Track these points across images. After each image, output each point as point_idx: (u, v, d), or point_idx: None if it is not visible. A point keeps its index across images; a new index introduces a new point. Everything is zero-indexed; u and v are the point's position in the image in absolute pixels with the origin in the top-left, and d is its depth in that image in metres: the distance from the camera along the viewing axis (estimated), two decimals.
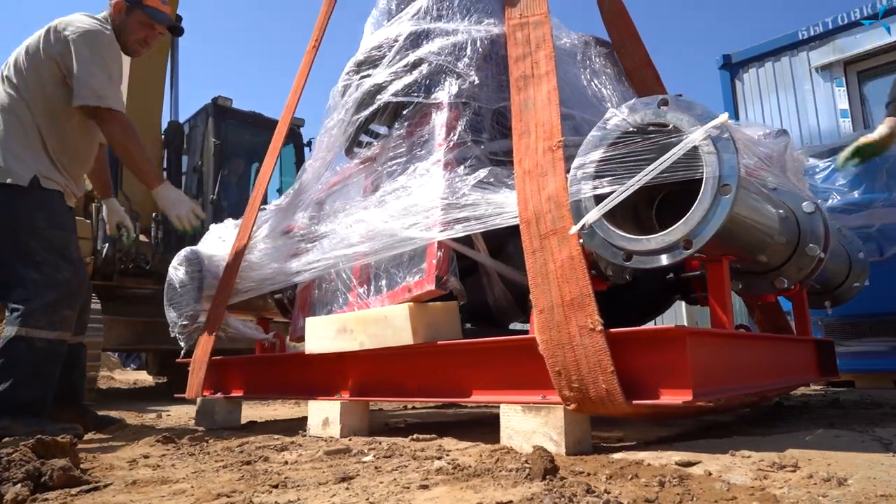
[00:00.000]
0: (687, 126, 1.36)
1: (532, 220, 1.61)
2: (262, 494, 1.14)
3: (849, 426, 1.73)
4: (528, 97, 1.77)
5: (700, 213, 1.32)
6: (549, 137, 1.67)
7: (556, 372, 1.44)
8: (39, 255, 2.18)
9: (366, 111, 2.14)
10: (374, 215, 2.00)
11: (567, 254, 1.51)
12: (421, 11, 2.22)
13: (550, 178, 1.61)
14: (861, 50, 4.89)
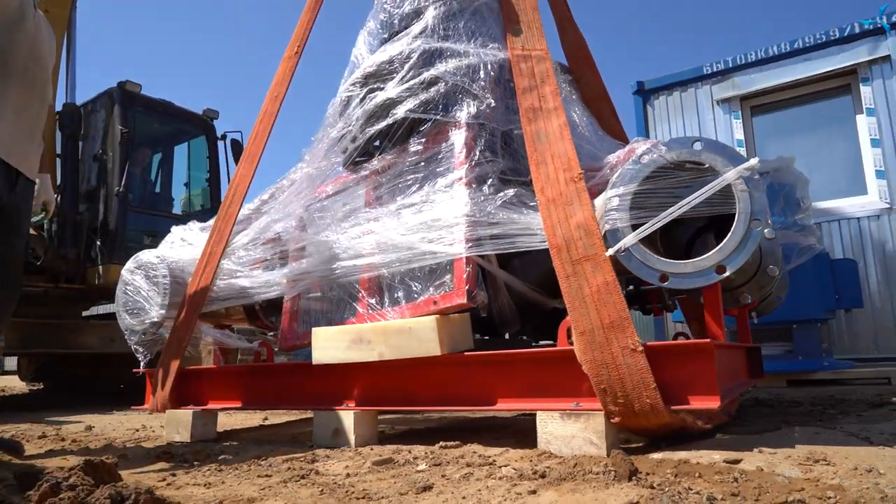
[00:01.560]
0: (721, 166, 1.56)
1: (563, 246, 1.71)
2: None
3: (807, 423, 2.03)
4: (540, 129, 1.89)
5: (733, 243, 1.52)
6: (568, 169, 1.79)
7: (602, 389, 1.56)
8: None
9: (379, 125, 2.17)
10: (389, 227, 2.04)
11: (602, 279, 1.63)
12: (428, 30, 2.29)
13: (577, 208, 1.72)
14: (755, 88, 5.57)
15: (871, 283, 4.77)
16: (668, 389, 1.58)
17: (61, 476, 1.23)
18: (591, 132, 2.56)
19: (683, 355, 1.59)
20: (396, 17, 2.40)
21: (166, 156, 7.72)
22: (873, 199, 4.92)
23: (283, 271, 2.34)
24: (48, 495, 1.18)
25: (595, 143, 2.44)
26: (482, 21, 2.35)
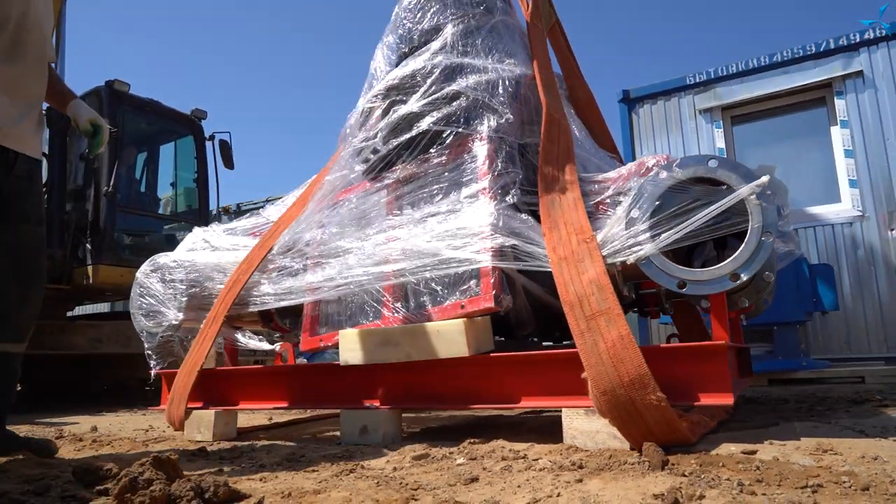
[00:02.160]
0: (735, 182, 1.70)
1: (576, 302, 1.75)
2: (429, 496, 1.27)
3: (801, 419, 2.19)
4: (556, 198, 1.96)
5: (747, 253, 1.66)
6: (580, 232, 1.86)
7: (629, 434, 1.64)
8: None
9: (402, 136, 2.26)
10: (414, 234, 2.14)
11: (616, 333, 1.64)
12: (447, 46, 2.40)
13: (588, 265, 1.77)
14: (736, 99, 5.80)
15: (844, 286, 5.02)
16: (685, 386, 1.71)
17: (135, 471, 1.31)
18: (590, 146, 2.70)
19: (699, 355, 1.72)
20: (416, 33, 2.51)
21: (151, 155, 7.67)
22: (846, 207, 5.18)
23: (305, 278, 2.42)
24: (127, 489, 1.26)
25: (594, 155, 2.59)
26: (498, 38, 2.47)
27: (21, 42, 1.93)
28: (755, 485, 1.23)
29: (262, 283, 2.54)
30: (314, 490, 1.36)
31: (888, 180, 4.97)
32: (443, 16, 2.47)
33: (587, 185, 2.18)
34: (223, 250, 2.78)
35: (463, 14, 2.46)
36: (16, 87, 1.96)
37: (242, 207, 10.72)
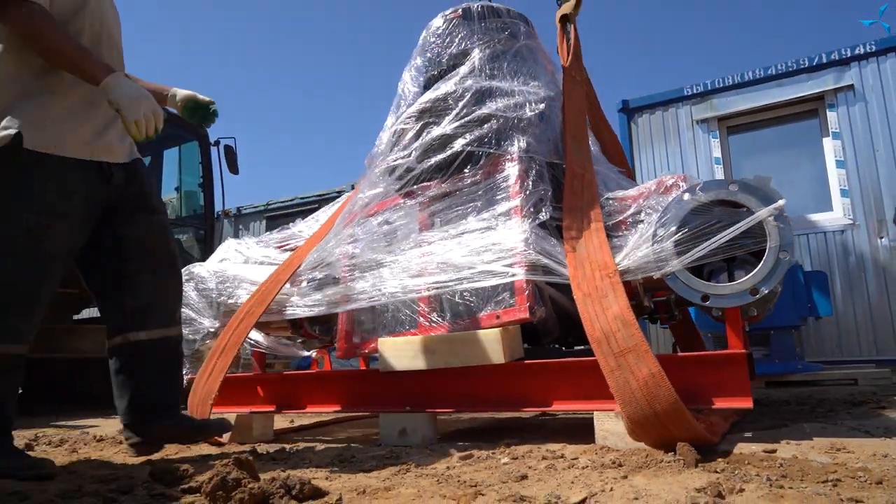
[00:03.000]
0: (754, 205, 1.86)
1: (602, 339, 1.80)
2: (493, 491, 1.41)
3: (808, 421, 2.36)
4: (581, 243, 2.04)
5: (765, 270, 1.83)
6: (604, 268, 1.94)
7: (661, 446, 1.74)
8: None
9: (436, 157, 2.41)
10: (449, 249, 2.29)
11: (647, 371, 1.70)
12: (475, 69, 2.55)
13: (612, 300, 1.84)
14: (732, 110, 6.00)
15: (836, 291, 5.23)
16: (708, 391, 1.87)
17: (223, 471, 1.44)
18: (604, 162, 2.86)
19: (720, 362, 1.88)
20: (444, 57, 2.65)
21: (155, 160, 7.75)
22: (838, 216, 5.39)
23: (338, 289, 2.55)
24: (219, 487, 1.39)
25: (612, 171, 2.75)
26: (522, 61, 2.62)
27: (99, 55, 1.97)
28: (781, 479, 1.38)
29: (294, 293, 2.66)
30: (384, 487, 1.50)
31: (878, 190, 5.19)
32: (470, 41, 2.62)
33: (610, 204, 2.34)
34: (255, 262, 2.90)
35: (489, 39, 2.61)
36: (97, 100, 1.96)
37: (243, 211, 10.80)
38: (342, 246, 2.66)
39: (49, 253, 1.89)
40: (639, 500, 1.26)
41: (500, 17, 2.68)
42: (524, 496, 1.34)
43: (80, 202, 1.96)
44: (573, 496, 1.32)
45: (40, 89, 1.90)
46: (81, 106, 1.96)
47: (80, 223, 1.99)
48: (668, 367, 1.88)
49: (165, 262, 2.18)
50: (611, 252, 1.96)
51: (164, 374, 2.16)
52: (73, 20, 1.95)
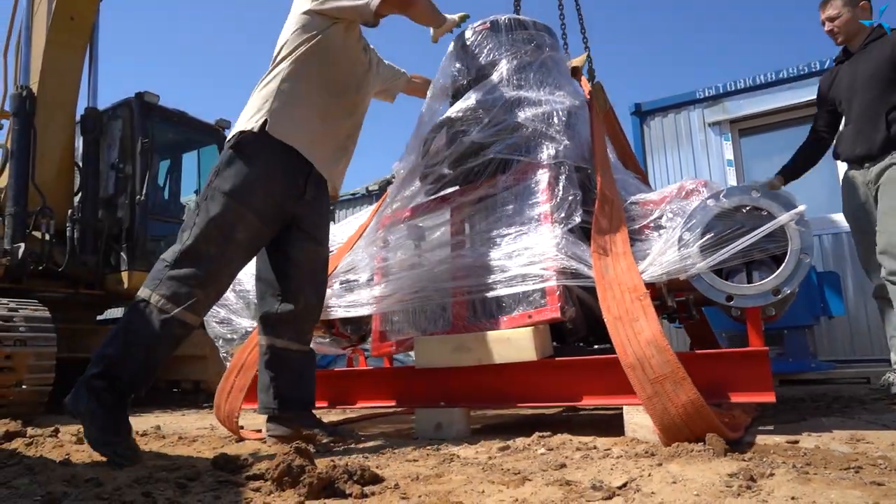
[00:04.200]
0: (776, 210, 1.97)
1: (637, 365, 1.82)
2: (538, 477, 1.53)
3: (826, 415, 2.47)
4: (608, 264, 2.09)
5: (787, 271, 1.93)
6: (633, 290, 1.97)
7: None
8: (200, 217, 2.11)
9: (468, 164, 2.53)
10: (482, 253, 2.40)
11: (685, 398, 1.73)
12: (503, 80, 2.67)
13: (644, 324, 1.85)
14: (743, 113, 6.09)
15: (848, 291, 5.31)
16: (731, 386, 1.98)
17: (287, 458, 1.56)
18: (622, 168, 2.97)
19: (743, 359, 1.99)
20: (473, 68, 2.77)
21: (175, 163, 7.91)
22: None
23: (371, 291, 2.66)
24: (285, 473, 1.51)
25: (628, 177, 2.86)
26: (547, 72, 2.74)
27: (360, 103, 2.44)
28: (807, 467, 1.49)
29: (329, 295, 2.78)
30: (435, 475, 1.62)
31: None
32: (497, 52, 2.74)
33: (633, 209, 2.45)
34: None
35: (516, 51, 2.73)
36: (351, 138, 2.46)
37: None
38: (375, 248, 2.78)
39: (246, 241, 2.18)
40: (676, 483, 1.37)
41: (526, 29, 2.79)
42: (569, 480, 1.45)
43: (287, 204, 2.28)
44: (615, 481, 1.43)
45: (305, 103, 2.27)
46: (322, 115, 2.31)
47: (272, 223, 2.27)
48: (694, 364, 2.00)
49: (319, 287, 2.45)
50: (640, 275, 2.05)
51: (300, 379, 2.41)
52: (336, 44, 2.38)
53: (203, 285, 2.07)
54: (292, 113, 2.21)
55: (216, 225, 2.09)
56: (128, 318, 2.06)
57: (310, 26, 2.31)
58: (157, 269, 2.10)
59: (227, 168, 2.15)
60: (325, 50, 2.31)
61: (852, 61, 3.18)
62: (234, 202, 2.12)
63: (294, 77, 2.25)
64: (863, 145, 3.06)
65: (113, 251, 6.41)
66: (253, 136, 2.16)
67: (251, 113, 2.22)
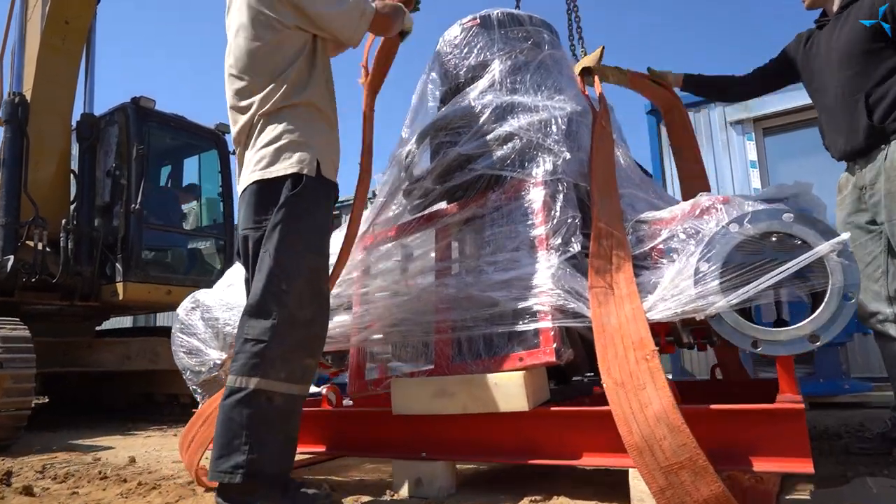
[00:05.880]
0: (813, 239, 1.63)
1: (644, 448, 1.51)
2: None
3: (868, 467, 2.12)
4: (610, 311, 1.77)
5: (827, 314, 1.60)
6: (640, 347, 1.65)
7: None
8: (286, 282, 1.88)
9: (454, 179, 2.22)
10: (469, 282, 2.10)
11: (708, 491, 1.44)
12: (496, 83, 2.36)
13: (652, 393, 1.55)
14: (768, 111, 5.69)
15: None
16: (759, 450, 1.65)
17: None
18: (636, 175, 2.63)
19: (775, 417, 1.66)
20: (462, 69, 2.46)
21: (176, 169, 7.71)
22: None
23: (347, 320, 2.37)
24: None
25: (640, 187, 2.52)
26: (547, 73, 2.42)
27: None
28: None
29: None
30: None
31: None
32: (490, 52, 2.43)
33: (640, 228, 2.12)
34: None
35: (510, 50, 2.42)
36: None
37: None
38: (356, 273, 2.49)
39: (329, 290, 2.08)
40: None
41: (521, 25, 2.48)
42: None
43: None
44: None
45: (330, 125, 2.12)
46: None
47: None
48: (706, 422, 1.69)
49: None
50: (647, 326, 1.71)
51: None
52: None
53: (313, 353, 1.96)
54: (332, 147, 2.10)
55: (305, 286, 1.91)
56: (246, 416, 1.78)
57: (300, 39, 2.07)
58: (249, 352, 1.83)
59: (295, 220, 1.93)
60: (327, 66, 2.17)
61: (827, 30, 2.54)
62: (314, 255, 1.96)
63: (319, 104, 2.08)
64: (845, 137, 2.44)
65: (108, 261, 6.21)
66: (312, 181, 1.96)
67: (293, 149, 1.97)
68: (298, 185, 1.94)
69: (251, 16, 2.05)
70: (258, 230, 1.96)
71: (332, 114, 2.14)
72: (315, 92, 2.07)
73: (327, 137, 2.08)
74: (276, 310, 1.86)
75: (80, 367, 6.16)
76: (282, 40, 2.04)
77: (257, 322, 1.86)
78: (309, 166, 1.96)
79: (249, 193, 2.01)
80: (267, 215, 1.94)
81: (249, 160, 2.03)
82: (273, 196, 1.95)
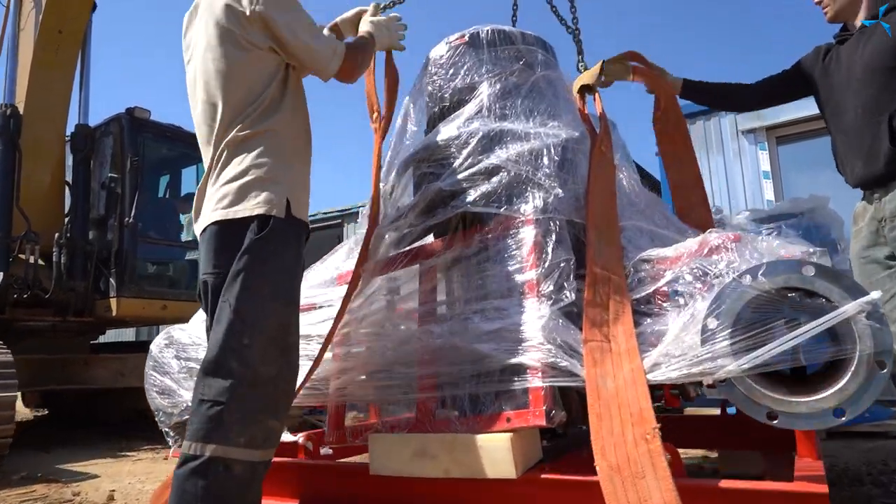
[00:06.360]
0: (838, 297, 1.43)
1: None
2: None
3: None
4: (607, 372, 1.58)
5: (854, 385, 1.40)
6: (640, 423, 1.45)
7: None
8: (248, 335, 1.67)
9: (436, 216, 2.03)
10: (452, 331, 1.91)
11: None
12: (483, 109, 2.16)
13: (653, 485, 1.37)
14: (782, 119, 5.46)
15: None
16: None
17: None
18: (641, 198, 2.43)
19: (791, 499, 1.46)
20: (447, 91, 2.27)
21: (174, 179, 7.59)
22: None
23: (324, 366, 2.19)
24: None
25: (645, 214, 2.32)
26: (540, 97, 2.22)
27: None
28: None
29: None
30: None
31: None
32: (478, 73, 2.23)
33: (642, 268, 1.93)
34: None
35: (500, 71, 2.22)
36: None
37: None
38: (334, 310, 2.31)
39: (298, 341, 1.83)
40: None
41: (513, 43, 2.28)
42: None
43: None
44: None
45: (301, 158, 1.92)
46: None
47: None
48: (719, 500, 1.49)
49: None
50: (648, 392, 1.50)
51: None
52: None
53: (278, 414, 1.73)
54: (303, 183, 1.90)
55: (270, 339, 1.71)
56: (201, 488, 1.59)
57: (273, 61, 1.88)
58: (205, 415, 1.63)
59: (260, 265, 1.72)
60: (300, 91, 1.98)
61: (849, 45, 2.31)
62: (281, 304, 1.75)
63: (291, 134, 1.89)
64: (863, 162, 2.19)
65: (102, 275, 6.08)
66: (281, 222, 1.76)
67: (260, 187, 1.77)
68: (265, 228, 1.75)
69: (219, 34, 1.85)
70: (217, 276, 1.78)
71: (304, 144, 1.95)
72: (287, 120, 1.88)
73: (298, 172, 1.89)
74: (236, 367, 1.67)
75: (74, 385, 6.03)
76: (253, 62, 1.85)
77: (214, 381, 1.67)
78: (278, 206, 1.77)
79: (210, 234, 1.82)
80: (228, 260, 1.75)
81: (211, 196, 1.84)
82: (236, 239, 1.75)
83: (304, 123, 1.96)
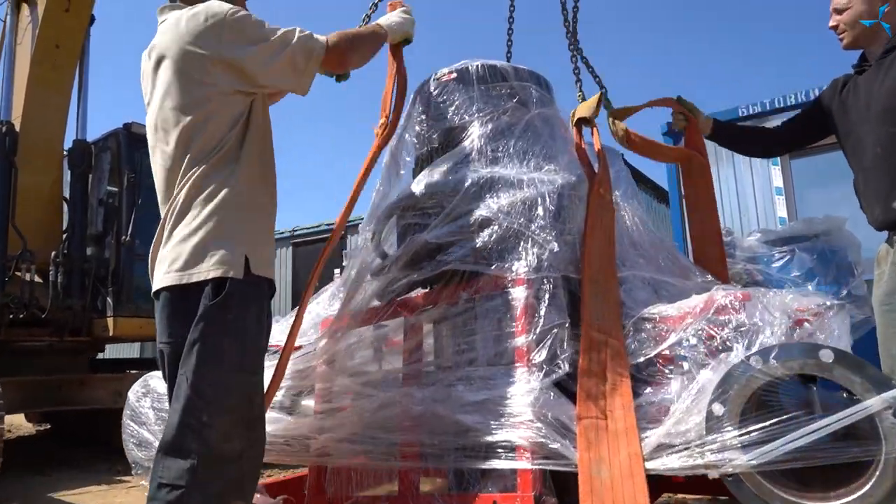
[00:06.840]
0: (860, 389, 1.27)
1: None
2: None
3: None
4: (602, 458, 1.46)
5: (881, 492, 1.24)
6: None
7: None
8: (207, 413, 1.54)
9: (421, 271, 1.88)
10: (436, 398, 1.77)
11: None
12: (474, 152, 2.02)
13: None
14: None
15: None
16: None
17: None
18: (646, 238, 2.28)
19: None
20: (436, 132, 2.12)
21: None
22: None
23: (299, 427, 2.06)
24: None
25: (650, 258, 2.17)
26: (535, 137, 2.07)
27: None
28: None
29: None
30: None
31: None
32: (468, 112, 2.08)
33: (643, 328, 1.78)
34: None
35: (492, 110, 2.07)
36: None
37: None
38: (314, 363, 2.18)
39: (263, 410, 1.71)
40: None
41: (505, 80, 2.13)
42: None
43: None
44: None
45: (261, 208, 1.76)
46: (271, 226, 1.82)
47: None
48: None
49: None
50: (646, 487, 1.37)
51: None
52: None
53: (244, 494, 1.60)
54: (264, 236, 1.75)
55: (232, 414, 1.57)
56: None
57: (237, 106, 1.73)
58: (164, 500, 1.50)
59: (217, 335, 1.57)
60: (265, 131, 1.82)
61: (867, 77, 2.15)
62: (244, 375, 1.61)
63: (248, 185, 1.71)
64: (882, 205, 2.03)
65: (100, 294, 5.99)
66: (238, 284, 1.60)
67: (215, 246, 1.61)
68: (221, 292, 1.59)
69: (179, 80, 1.70)
70: (173, 345, 1.63)
71: (265, 193, 1.77)
72: (247, 168, 1.71)
73: (259, 224, 1.72)
74: (196, 447, 1.53)
75: (72, 406, 5.94)
76: (214, 109, 1.70)
77: (174, 462, 1.53)
78: (235, 267, 1.60)
79: (164, 300, 1.66)
80: (184, 328, 1.60)
81: (164, 258, 1.68)
82: (191, 304, 1.59)
83: (265, 169, 1.78)
